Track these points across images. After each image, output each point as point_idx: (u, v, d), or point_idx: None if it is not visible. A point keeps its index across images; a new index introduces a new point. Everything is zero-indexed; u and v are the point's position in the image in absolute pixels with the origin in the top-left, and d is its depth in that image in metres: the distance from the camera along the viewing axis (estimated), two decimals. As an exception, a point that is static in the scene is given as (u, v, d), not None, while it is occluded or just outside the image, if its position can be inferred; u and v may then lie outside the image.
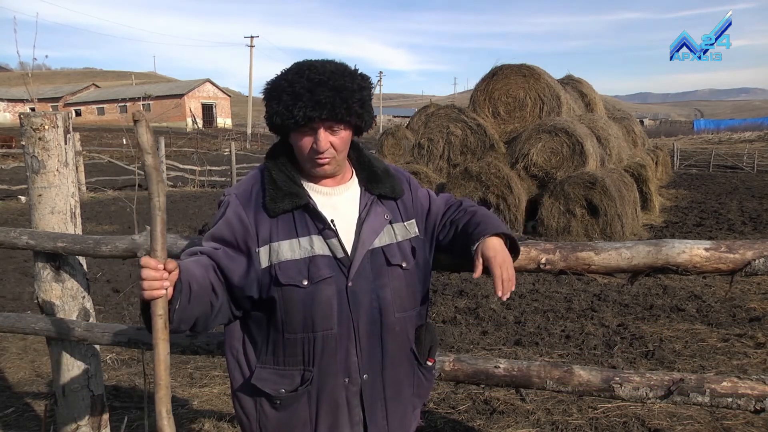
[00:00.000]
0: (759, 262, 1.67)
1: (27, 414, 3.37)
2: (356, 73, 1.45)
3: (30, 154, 2.30)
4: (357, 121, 1.45)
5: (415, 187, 1.68)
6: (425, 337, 1.62)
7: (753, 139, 40.49)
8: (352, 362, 1.49)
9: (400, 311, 1.54)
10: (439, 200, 1.70)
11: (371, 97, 1.48)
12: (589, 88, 14.14)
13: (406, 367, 1.59)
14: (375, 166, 1.60)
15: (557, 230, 9.53)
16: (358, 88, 1.43)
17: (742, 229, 9.64)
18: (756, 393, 1.72)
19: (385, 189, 1.56)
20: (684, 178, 19.62)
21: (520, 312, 5.31)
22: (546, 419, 3.22)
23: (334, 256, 1.46)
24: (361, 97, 1.43)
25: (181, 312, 1.32)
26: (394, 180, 1.61)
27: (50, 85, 71.80)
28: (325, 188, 1.53)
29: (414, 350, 1.60)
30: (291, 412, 1.49)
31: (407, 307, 1.56)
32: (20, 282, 6.37)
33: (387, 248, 1.52)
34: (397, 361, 1.56)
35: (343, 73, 1.42)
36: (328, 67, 1.42)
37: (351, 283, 1.46)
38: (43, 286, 2.42)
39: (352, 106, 1.41)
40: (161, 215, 1.24)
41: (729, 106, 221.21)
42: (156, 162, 1.21)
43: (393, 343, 1.54)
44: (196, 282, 1.36)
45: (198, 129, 51.69)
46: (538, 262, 1.82)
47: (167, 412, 1.28)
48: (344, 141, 1.47)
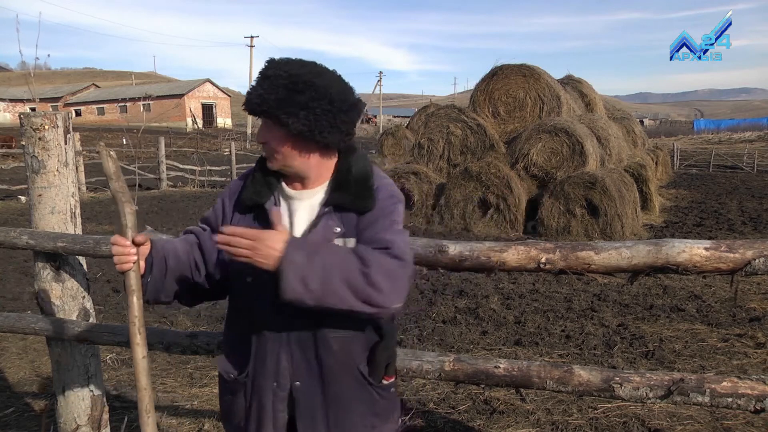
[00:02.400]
0: (759, 261, 1.67)
1: (27, 414, 3.37)
2: (307, 81, 1.38)
3: (30, 154, 2.30)
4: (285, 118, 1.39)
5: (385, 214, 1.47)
6: (380, 356, 1.53)
7: (753, 139, 40.49)
8: (283, 368, 1.49)
9: (339, 330, 1.47)
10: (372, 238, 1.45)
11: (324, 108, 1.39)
12: (589, 88, 14.15)
13: (351, 385, 1.51)
14: (351, 176, 1.49)
15: (557, 230, 9.53)
16: (294, 91, 1.38)
17: (742, 229, 9.64)
18: (756, 393, 1.72)
19: (345, 199, 1.46)
20: (684, 178, 19.62)
21: (520, 312, 5.31)
22: (546, 419, 3.22)
23: None
24: (294, 99, 1.38)
25: (155, 284, 1.49)
26: (368, 191, 1.47)
27: (50, 85, 71.82)
28: (292, 191, 1.52)
29: (362, 370, 1.51)
30: (234, 398, 1.58)
31: (350, 327, 1.48)
32: (20, 282, 6.37)
33: None
34: (339, 378, 1.50)
35: (292, 75, 1.38)
36: (287, 66, 1.41)
37: None
38: (43, 286, 2.42)
39: (279, 103, 1.38)
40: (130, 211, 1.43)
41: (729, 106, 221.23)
42: (119, 185, 1.42)
43: (331, 360, 1.48)
44: (174, 257, 1.51)
45: (198, 129, 51.71)
46: (538, 261, 1.82)
47: (146, 412, 1.42)
48: (278, 141, 1.44)
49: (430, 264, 1.98)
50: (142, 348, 1.44)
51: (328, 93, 1.39)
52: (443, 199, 10.51)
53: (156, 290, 1.51)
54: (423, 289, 6.11)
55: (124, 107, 59.54)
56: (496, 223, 10.08)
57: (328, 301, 1.32)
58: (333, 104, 1.40)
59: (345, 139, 1.47)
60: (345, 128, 1.44)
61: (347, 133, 1.46)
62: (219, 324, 4.94)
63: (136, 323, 1.43)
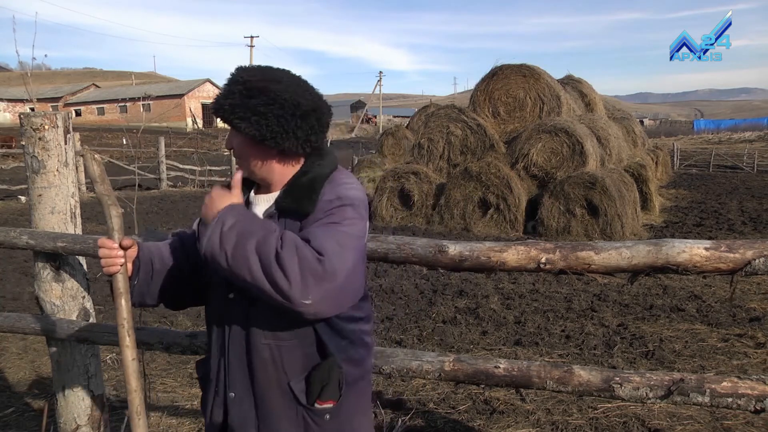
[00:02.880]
0: (759, 261, 1.67)
1: (27, 414, 3.37)
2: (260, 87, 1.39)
3: (30, 154, 2.30)
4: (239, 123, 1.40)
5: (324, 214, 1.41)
6: (316, 377, 1.44)
7: (753, 139, 40.48)
8: (221, 374, 1.51)
9: (271, 339, 1.44)
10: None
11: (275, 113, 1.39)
12: (589, 88, 14.15)
13: (281, 402, 1.46)
14: (301, 180, 1.46)
15: (557, 230, 9.53)
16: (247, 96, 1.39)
17: (742, 229, 9.64)
18: (756, 393, 1.72)
19: (285, 203, 1.45)
20: (684, 178, 19.62)
21: (520, 312, 5.31)
22: (546, 419, 3.22)
23: None
24: (247, 104, 1.38)
25: (140, 287, 1.53)
26: (309, 195, 1.43)
27: (50, 85, 71.81)
28: (253, 196, 1.55)
29: (292, 386, 1.44)
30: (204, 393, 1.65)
31: (282, 337, 1.44)
32: (20, 282, 6.37)
33: None
34: (271, 391, 1.46)
35: (246, 81, 1.40)
36: (246, 72, 1.43)
37: (232, 295, 1.47)
38: (43, 286, 2.42)
39: (232, 108, 1.39)
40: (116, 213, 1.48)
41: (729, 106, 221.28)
42: (105, 188, 1.47)
43: (263, 370, 1.45)
44: (160, 260, 1.55)
45: (198, 129, 51.70)
46: (538, 261, 1.82)
47: (137, 414, 1.48)
48: (239, 147, 1.46)
49: (430, 264, 1.98)
50: (131, 350, 1.46)
51: (280, 98, 1.39)
52: (443, 199, 10.51)
53: (141, 293, 1.55)
54: (423, 289, 6.11)
55: (124, 107, 59.53)
56: (496, 223, 10.08)
57: (238, 266, 1.30)
58: (284, 109, 1.39)
59: (304, 145, 1.44)
60: (301, 134, 1.42)
61: (305, 139, 1.43)
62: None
63: (125, 325, 1.45)
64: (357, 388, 1.53)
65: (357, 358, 1.52)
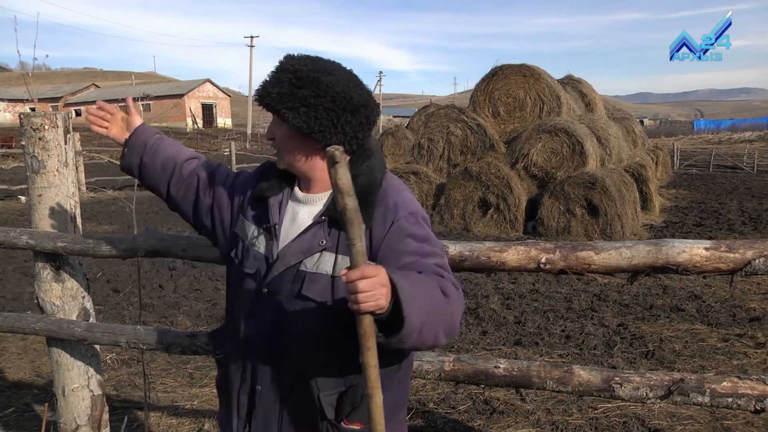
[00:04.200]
0: (759, 261, 1.67)
1: (27, 414, 3.37)
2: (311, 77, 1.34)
3: (30, 154, 2.30)
4: (287, 113, 1.34)
5: (399, 233, 1.35)
6: (350, 395, 1.39)
7: (753, 139, 40.48)
8: (249, 364, 1.47)
9: (308, 347, 1.40)
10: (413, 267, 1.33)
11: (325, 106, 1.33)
12: (589, 88, 14.15)
13: (307, 411, 1.42)
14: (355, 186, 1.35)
15: (557, 230, 9.53)
16: (297, 86, 1.34)
17: (742, 229, 9.64)
18: (756, 393, 1.72)
19: (338, 213, 1.31)
20: (684, 178, 19.62)
21: (520, 312, 5.31)
22: (546, 419, 3.22)
23: (267, 258, 1.45)
24: (296, 94, 1.33)
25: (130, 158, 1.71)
26: (365, 205, 1.32)
27: (50, 85, 71.80)
28: (299, 194, 1.48)
29: (321, 398, 1.40)
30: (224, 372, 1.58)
31: (320, 347, 1.39)
32: (20, 282, 6.37)
33: (313, 276, 1.37)
34: (299, 399, 1.42)
35: (297, 70, 1.34)
36: (297, 61, 1.37)
37: (266, 290, 1.43)
38: (43, 286, 2.42)
39: (281, 97, 1.34)
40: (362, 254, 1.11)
41: (729, 106, 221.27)
42: (356, 204, 1.08)
43: (292, 375, 1.42)
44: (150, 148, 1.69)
45: (198, 129, 51.69)
46: (538, 261, 1.82)
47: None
48: (282, 138, 1.42)
49: (430, 264, 1.98)
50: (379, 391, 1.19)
51: (332, 91, 1.33)
52: (443, 199, 10.51)
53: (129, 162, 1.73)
54: (423, 289, 6.10)
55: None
56: (496, 223, 10.08)
57: (422, 338, 1.17)
58: (335, 103, 1.33)
59: (350, 142, 1.38)
60: (349, 130, 1.36)
61: (353, 136, 1.37)
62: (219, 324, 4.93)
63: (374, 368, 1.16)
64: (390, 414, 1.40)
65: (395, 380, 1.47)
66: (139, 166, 1.70)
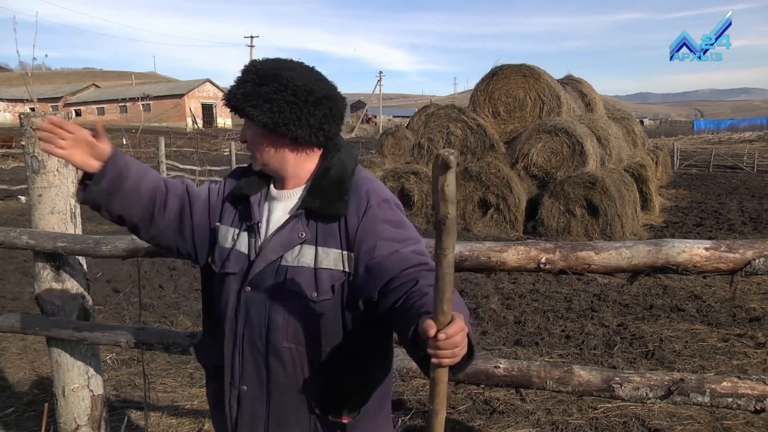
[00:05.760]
0: (759, 261, 1.67)
1: (27, 414, 3.37)
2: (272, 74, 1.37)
3: (30, 154, 2.30)
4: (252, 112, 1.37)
5: (374, 219, 1.38)
6: (337, 387, 1.40)
7: (753, 139, 40.48)
8: (236, 365, 1.46)
9: (293, 342, 1.39)
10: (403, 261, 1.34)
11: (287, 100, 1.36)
12: (589, 88, 14.14)
13: (295, 407, 1.43)
14: (328, 175, 1.43)
15: (557, 230, 9.53)
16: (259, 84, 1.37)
17: (742, 229, 9.64)
18: (756, 393, 1.72)
19: (314, 204, 1.39)
20: (684, 178, 19.62)
21: (520, 312, 5.31)
22: (546, 419, 3.22)
23: (248, 257, 1.45)
24: (259, 92, 1.37)
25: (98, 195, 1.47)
26: (339, 194, 1.39)
27: (50, 85, 71.79)
28: (274, 191, 1.50)
29: (309, 393, 1.41)
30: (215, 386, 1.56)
31: (305, 342, 1.39)
32: (20, 282, 6.37)
33: (295, 269, 1.38)
34: (286, 394, 1.42)
35: (259, 69, 1.39)
36: (260, 63, 1.42)
37: (248, 289, 1.43)
38: (43, 286, 2.42)
39: (246, 96, 1.38)
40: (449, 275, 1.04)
41: (729, 106, 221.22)
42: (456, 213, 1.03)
43: (281, 372, 1.41)
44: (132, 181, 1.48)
45: (198, 129, 51.68)
46: (538, 261, 1.82)
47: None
48: (252, 137, 1.44)
49: (430, 264, 1.98)
50: None
51: (292, 84, 1.36)
52: (443, 199, 10.51)
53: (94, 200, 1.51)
54: (423, 289, 6.10)
55: (124, 107, 59.51)
56: (496, 223, 10.08)
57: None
58: (297, 95, 1.36)
59: (317, 134, 1.40)
60: (314, 122, 1.38)
61: (319, 128, 1.39)
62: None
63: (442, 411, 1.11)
64: (376, 407, 1.48)
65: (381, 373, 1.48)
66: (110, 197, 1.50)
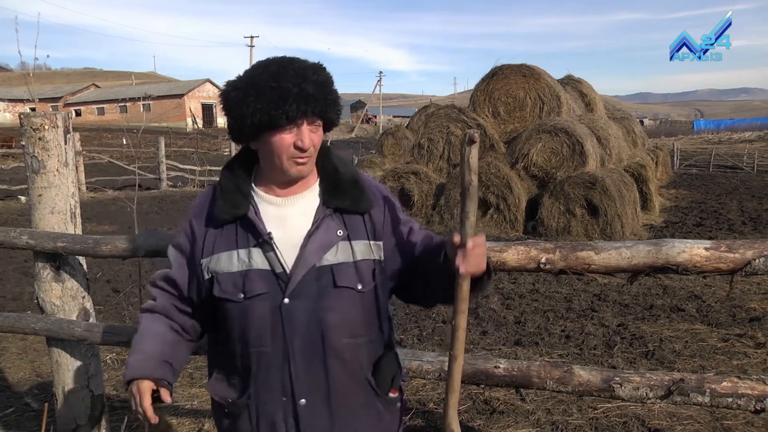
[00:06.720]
0: (759, 261, 1.67)
1: (27, 414, 3.37)
2: (325, 69, 1.43)
3: (30, 154, 2.30)
4: (335, 117, 1.44)
5: (393, 209, 1.53)
6: (386, 368, 1.51)
7: (753, 139, 40.48)
8: (287, 384, 1.41)
9: (350, 337, 1.43)
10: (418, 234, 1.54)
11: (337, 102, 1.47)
12: (589, 88, 14.13)
13: (360, 397, 1.47)
14: (341, 175, 1.48)
15: (557, 230, 9.52)
16: (331, 83, 1.43)
17: (742, 229, 9.63)
18: (756, 393, 1.72)
19: (345, 202, 1.44)
20: (684, 178, 19.61)
21: (520, 312, 5.31)
22: (546, 419, 3.22)
23: (273, 271, 1.40)
24: (336, 92, 1.43)
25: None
26: (361, 192, 1.47)
27: (50, 85, 71.80)
28: (277, 198, 1.45)
29: (369, 379, 1.48)
30: (236, 421, 1.49)
31: (359, 333, 1.45)
32: (20, 282, 6.37)
33: (338, 267, 1.41)
34: (349, 389, 1.45)
35: (319, 69, 1.41)
36: (304, 62, 1.42)
37: (288, 301, 1.38)
38: (43, 286, 2.42)
39: (334, 102, 1.42)
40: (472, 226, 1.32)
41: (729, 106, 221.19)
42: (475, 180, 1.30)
43: (341, 370, 1.43)
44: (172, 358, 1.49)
45: (198, 129, 51.68)
46: (538, 261, 1.82)
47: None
48: (321, 138, 1.46)
49: (430, 264, 1.98)
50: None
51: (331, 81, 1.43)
52: (443, 199, 10.51)
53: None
54: (423, 289, 6.10)
55: (124, 107, 59.53)
56: (496, 223, 10.08)
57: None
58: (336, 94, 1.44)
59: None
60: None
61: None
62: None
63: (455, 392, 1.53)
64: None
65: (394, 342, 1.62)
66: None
